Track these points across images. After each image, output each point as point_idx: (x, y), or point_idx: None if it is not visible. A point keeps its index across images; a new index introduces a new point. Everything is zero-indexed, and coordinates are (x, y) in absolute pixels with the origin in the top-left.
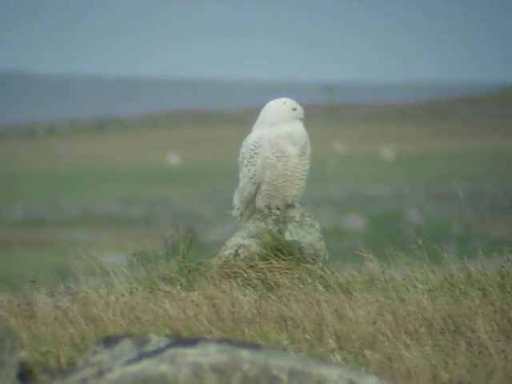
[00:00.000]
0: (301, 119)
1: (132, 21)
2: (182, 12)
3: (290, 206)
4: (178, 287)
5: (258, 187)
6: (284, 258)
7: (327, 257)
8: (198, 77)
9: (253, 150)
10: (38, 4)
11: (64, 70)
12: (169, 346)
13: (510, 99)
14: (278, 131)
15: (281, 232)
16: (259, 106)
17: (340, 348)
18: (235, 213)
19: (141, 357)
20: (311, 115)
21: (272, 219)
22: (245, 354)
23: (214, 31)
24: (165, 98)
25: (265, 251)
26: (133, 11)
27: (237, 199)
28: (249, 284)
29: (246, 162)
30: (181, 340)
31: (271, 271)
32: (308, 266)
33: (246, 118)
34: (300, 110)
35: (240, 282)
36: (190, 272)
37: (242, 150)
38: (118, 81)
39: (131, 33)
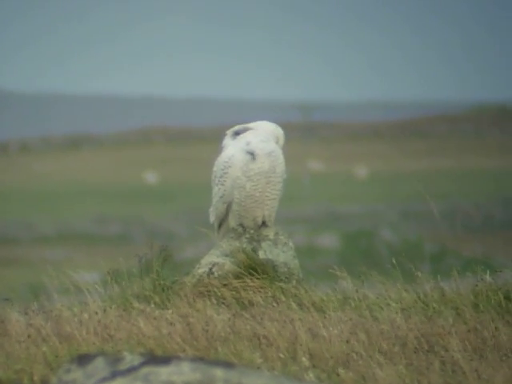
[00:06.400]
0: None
1: (105, 38)
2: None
3: (263, 225)
4: (152, 305)
5: (229, 206)
6: (258, 276)
7: (301, 275)
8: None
9: (222, 169)
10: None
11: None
12: (142, 364)
13: (485, 118)
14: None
15: (255, 250)
16: (233, 124)
17: (313, 366)
18: (217, 231)
19: (114, 375)
20: (286, 134)
21: (246, 238)
22: (218, 372)
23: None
24: (137, 115)
25: (239, 270)
26: (106, 29)
27: (212, 216)
28: (223, 302)
29: (216, 181)
30: (154, 358)
31: (245, 290)
32: (282, 284)
33: (220, 136)
34: (280, 144)
35: (214, 301)
36: (163, 290)
37: (214, 168)
38: (91, 98)
39: (104, 50)
